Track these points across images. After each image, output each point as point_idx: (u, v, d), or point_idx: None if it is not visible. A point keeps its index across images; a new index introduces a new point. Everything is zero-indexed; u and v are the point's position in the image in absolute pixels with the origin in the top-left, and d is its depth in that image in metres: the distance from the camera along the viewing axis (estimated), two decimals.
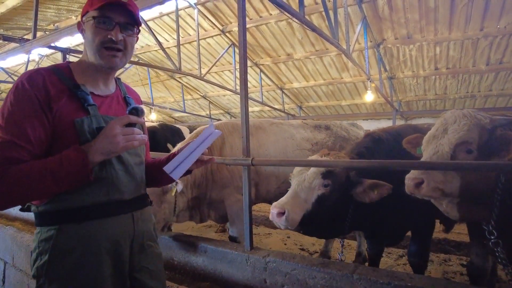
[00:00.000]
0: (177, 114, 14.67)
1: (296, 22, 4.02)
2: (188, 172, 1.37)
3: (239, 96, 8.22)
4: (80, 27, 1.26)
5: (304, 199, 2.02)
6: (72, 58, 9.58)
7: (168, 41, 8.98)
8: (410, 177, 1.69)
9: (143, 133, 1.19)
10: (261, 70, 9.71)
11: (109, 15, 1.17)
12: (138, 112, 1.15)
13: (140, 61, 10.30)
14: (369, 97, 7.60)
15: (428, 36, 6.90)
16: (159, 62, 10.22)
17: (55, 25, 8.03)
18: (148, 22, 7.86)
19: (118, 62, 1.22)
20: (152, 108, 12.08)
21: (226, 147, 3.24)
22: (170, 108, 13.00)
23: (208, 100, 13.03)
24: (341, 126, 4.12)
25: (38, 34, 8.34)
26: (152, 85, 11.48)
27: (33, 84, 1.09)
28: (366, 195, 2.03)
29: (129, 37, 1.23)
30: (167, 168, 1.23)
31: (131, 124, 1.12)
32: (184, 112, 12.31)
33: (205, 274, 2.52)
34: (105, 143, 1.07)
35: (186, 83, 11.84)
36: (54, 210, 1.14)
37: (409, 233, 2.62)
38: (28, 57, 9.37)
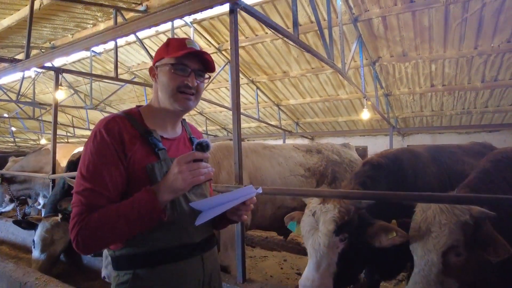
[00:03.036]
0: None
1: (290, 43, 4.01)
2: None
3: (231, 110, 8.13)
4: (152, 72, 1.33)
5: (328, 264, 1.87)
6: (67, 73, 9.47)
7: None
8: None
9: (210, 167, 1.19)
10: (257, 87, 9.71)
11: (186, 62, 1.26)
12: (203, 147, 1.14)
13: (136, 78, 10.30)
14: (366, 115, 7.57)
15: (423, 54, 6.93)
16: None
17: (51, 43, 8.03)
18: (144, 40, 7.88)
19: (192, 104, 1.30)
20: None
21: (222, 173, 3.15)
22: None
23: (204, 116, 13.00)
24: (332, 149, 4.07)
25: (34, 52, 8.37)
26: (148, 102, 11.43)
27: (109, 133, 1.17)
28: (377, 240, 1.89)
29: (201, 83, 1.32)
30: (194, 205, 1.21)
31: (197, 160, 1.13)
32: None
33: None
34: (172, 181, 1.10)
35: None
36: (129, 255, 1.20)
37: None
38: (23, 74, 9.32)
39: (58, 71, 4.88)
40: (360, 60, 6.84)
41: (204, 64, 1.32)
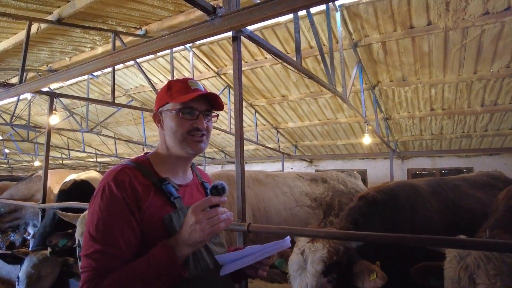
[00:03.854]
0: None
1: (291, 69, 3.95)
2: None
3: (233, 136, 8.04)
4: (156, 118, 1.27)
5: None
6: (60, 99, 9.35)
7: (162, 81, 8.93)
8: None
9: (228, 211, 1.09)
10: (256, 111, 9.65)
11: (193, 105, 1.20)
12: (218, 190, 1.04)
13: (133, 101, 10.21)
14: (367, 140, 7.47)
15: (423, 78, 6.93)
16: (152, 102, 10.12)
17: (48, 65, 7.95)
18: (142, 64, 7.84)
19: (203, 146, 1.24)
20: (144, 148, 11.84)
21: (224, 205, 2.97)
22: None
23: None
24: (337, 178, 3.93)
25: (31, 74, 8.28)
26: (146, 124, 11.32)
27: (119, 185, 1.07)
28: (359, 280, 1.78)
29: (210, 122, 1.27)
30: (219, 258, 1.13)
31: (213, 205, 1.03)
32: None
33: None
34: (190, 233, 1.00)
35: None
36: None
37: None
38: (18, 97, 9.20)
39: (53, 95, 4.75)
40: (360, 84, 6.81)
41: (210, 102, 1.27)
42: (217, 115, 1.32)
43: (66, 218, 3.38)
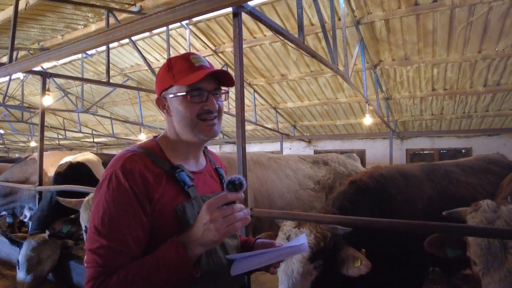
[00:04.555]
0: None
1: (292, 46, 3.80)
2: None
3: (231, 115, 7.90)
4: (160, 103, 1.14)
5: None
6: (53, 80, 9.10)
7: (158, 60, 8.70)
8: None
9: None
10: (254, 90, 9.48)
11: (200, 86, 1.07)
12: (235, 186, 0.92)
13: (129, 81, 9.99)
14: (368, 120, 7.39)
15: (426, 57, 6.77)
16: (149, 81, 9.91)
17: (40, 44, 7.68)
18: (137, 42, 7.59)
19: (217, 129, 1.13)
20: (141, 128, 11.71)
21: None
22: (160, 128, 12.63)
23: None
24: (338, 161, 3.88)
25: (22, 53, 8.01)
26: (142, 104, 11.14)
27: (127, 175, 0.96)
28: (344, 267, 1.76)
29: (220, 102, 1.14)
30: (231, 258, 1.07)
31: (229, 202, 0.93)
32: None
33: None
34: (203, 232, 0.90)
35: None
36: None
37: None
38: (10, 76, 8.95)
39: (46, 75, 4.58)
40: (362, 64, 6.64)
41: (217, 78, 1.13)
42: (227, 92, 1.18)
43: (68, 204, 3.31)
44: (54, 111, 12.43)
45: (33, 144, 16.03)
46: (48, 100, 4.81)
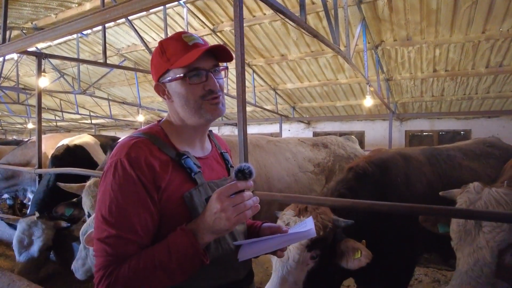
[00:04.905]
0: (166, 114, 14.15)
1: (292, 25, 3.71)
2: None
3: (230, 97, 7.79)
4: (159, 90, 1.10)
5: (293, 281, 1.69)
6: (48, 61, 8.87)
7: (155, 40, 8.51)
8: None
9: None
10: (253, 71, 9.35)
11: (198, 65, 1.02)
12: (245, 174, 0.91)
13: (126, 61, 9.81)
14: (368, 102, 7.32)
15: (429, 38, 6.64)
16: (146, 61, 9.74)
17: (33, 23, 7.48)
18: (134, 21, 7.39)
19: (222, 108, 1.09)
20: (139, 109, 11.61)
21: None
22: (158, 109, 12.53)
23: None
24: (337, 143, 3.86)
25: (15, 32, 7.81)
26: (139, 85, 10.99)
27: (133, 163, 0.94)
28: (344, 260, 1.72)
29: (221, 79, 1.10)
30: (239, 244, 1.07)
31: (239, 191, 0.92)
32: None
33: None
34: (214, 220, 0.90)
35: None
36: None
37: None
38: (4, 57, 8.77)
39: (41, 56, 4.47)
40: (364, 44, 6.51)
41: (214, 54, 1.08)
42: (227, 68, 1.13)
43: (69, 189, 3.31)
44: (51, 93, 12.26)
45: (30, 126, 15.92)
46: (44, 82, 4.72)
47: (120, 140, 1.14)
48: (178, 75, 1.02)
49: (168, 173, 0.99)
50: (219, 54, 1.09)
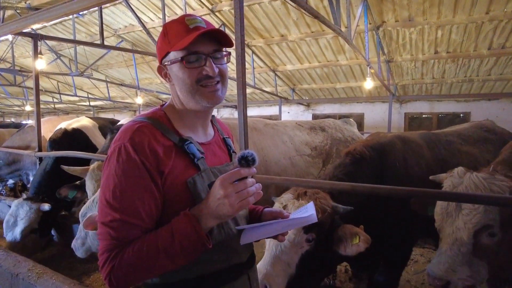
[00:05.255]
0: (164, 96, 14.07)
1: (292, 5, 3.63)
2: None
3: (230, 79, 7.69)
4: (161, 71, 1.11)
5: (286, 262, 1.68)
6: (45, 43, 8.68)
7: (153, 20, 8.34)
8: (435, 277, 1.54)
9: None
10: (253, 52, 9.22)
11: (196, 49, 1.02)
12: (248, 161, 0.92)
13: (123, 42, 9.65)
14: (369, 84, 7.27)
15: (431, 19, 6.52)
16: (144, 42, 9.58)
17: (27, 2, 7.30)
18: (131, 1, 7.22)
19: (221, 95, 1.08)
20: (138, 91, 11.52)
21: None
22: (156, 91, 12.44)
23: None
24: (335, 126, 3.87)
25: (9, 13, 7.63)
26: (137, 67, 10.86)
27: (137, 148, 0.95)
28: (342, 246, 1.70)
29: (223, 65, 1.09)
30: (241, 228, 1.09)
31: (242, 178, 0.92)
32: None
33: None
34: (217, 206, 0.91)
35: None
36: (169, 282, 1.04)
37: None
38: None
39: (37, 37, 4.39)
40: (365, 25, 6.40)
41: (217, 39, 1.07)
42: (229, 53, 1.12)
43: (73, 172, 3.34)
44: (48, 75, 12.12)
45: (28, 108, 15.83)
46: (41, 64, 4.66)
47: (123, 124, 1.14)
48: (177, 57, 1.03)
49: (172, 158, 1.00)
50: (221, 38, 1.07)
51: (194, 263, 1.00)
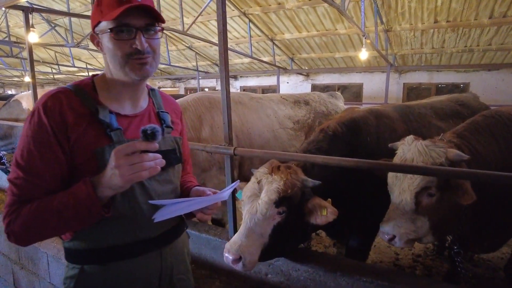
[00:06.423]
0: (161, 67, 13.98)
1: None
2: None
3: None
4: (94, 39, 1.11)
5: (259, 233, 1.80)
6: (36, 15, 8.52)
7: None
8: (384, 232, 1.77)
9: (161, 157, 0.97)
10: (250, 20, 9.04)
11: (127, 21, 1.02)
12: (147, 136, 0.90)
13: None
14: (364, 55, 7.20)
15: None
16: None
17: None
18: None
19: (150, 69, 1.08)
20: None
21: (205, 128, 3.00)
22: None
23: (194, 51, 12.35)
24: (319, 100, 3.95)
25: None
26: None
27: (48, 112, 1.00)
28: (312, 217, 1.85)
29: (154, 39, 1.08)
30: (154, 203, 1.09)
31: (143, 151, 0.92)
32: (169, 64, 11.70)
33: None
34: (110, 176, 0.93)
35: (170, 33, 11.07)
36: (77, 249, 1.10)
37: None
38: None
39: (28, 10, 4.37)
40: None
41: (152, 13, 1.06)
42: (162, 29, 1.12)
43: None
44: (44, 45, 12.00)
45: (27, 79, 15.78)
46: (34, 37, 4.67)
47: None
48: (106, 29, 1.03)
49: (82, 126, 1.02)
50: (156, 14, 1.06)
51: (94, 233, 1.07)
